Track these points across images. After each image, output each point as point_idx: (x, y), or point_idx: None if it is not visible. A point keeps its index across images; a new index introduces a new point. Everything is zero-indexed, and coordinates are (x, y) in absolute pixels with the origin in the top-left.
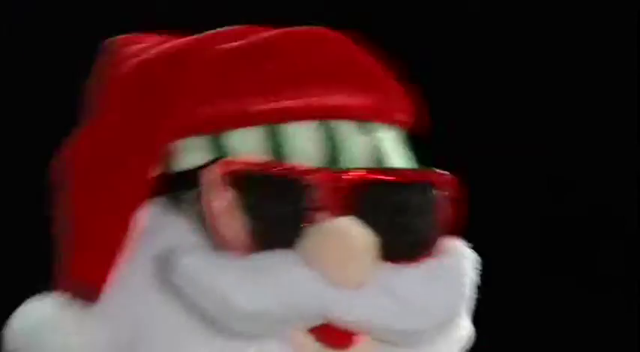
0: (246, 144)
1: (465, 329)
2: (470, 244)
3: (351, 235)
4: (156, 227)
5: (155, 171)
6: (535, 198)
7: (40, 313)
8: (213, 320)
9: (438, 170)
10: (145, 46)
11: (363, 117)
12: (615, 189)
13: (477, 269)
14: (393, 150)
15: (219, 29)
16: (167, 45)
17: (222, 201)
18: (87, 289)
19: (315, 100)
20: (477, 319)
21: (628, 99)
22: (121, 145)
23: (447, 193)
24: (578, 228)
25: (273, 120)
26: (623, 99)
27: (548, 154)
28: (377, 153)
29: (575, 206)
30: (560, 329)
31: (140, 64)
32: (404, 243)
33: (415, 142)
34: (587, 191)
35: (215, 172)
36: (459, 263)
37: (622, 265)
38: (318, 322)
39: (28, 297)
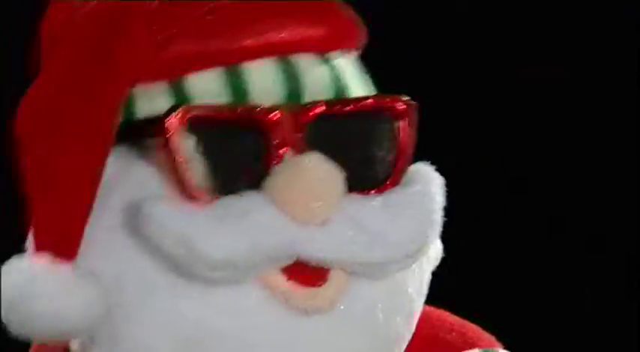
0: (206, 87)
1: (434, 249)
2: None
3: (313, 172)
4: (122, 176)
5: (117, 119)
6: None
7: (20, 277)
8: (184, 269)
9: (397, 95)
10: None
11: (321, 48)
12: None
13: (444, 190)
14: (353, 77)
15: None
16: None
17: (185, 149)
18: (63, 247)
19: (270, 36)
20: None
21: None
22: (79, 95)
23: (408, 118)
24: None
25: (230, 60)
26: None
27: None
28: (338, 83)
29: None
30: (560, 329)
31: (90, 13)
32: (370, 174)
33: (367, 63)
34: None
35: (175, 119)
36: (426, 188)
37: (622, 265)
38: (289, 261)
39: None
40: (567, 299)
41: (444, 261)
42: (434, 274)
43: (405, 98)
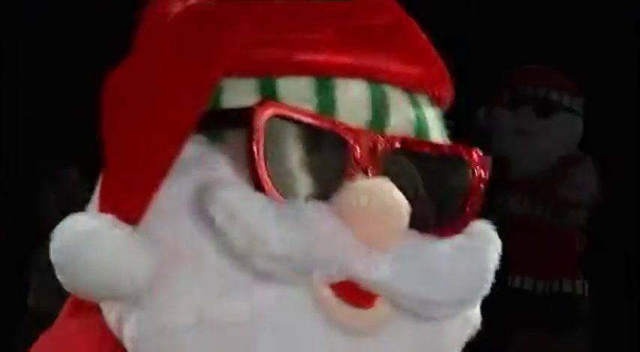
0: (295, 92)
1: (475, 315)
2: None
3: (384, 196)
4: (198, 160)
5: (203, 107)
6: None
7: (85, 230)
8: (239, 256)
9: (473, 148)
10: None
11: (413, 86)
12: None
13: (499, 254)
14: (434, 125)
15: None
16: None
17: (264, 144)
18: (127, 211)
19: (370, 60)
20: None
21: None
22: (172, 78)
23: (480, 173)
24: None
25: (325, 71)
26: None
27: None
28: (419, 125)
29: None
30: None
31: (197, 3)
32: (434, 215)
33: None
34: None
35: (261, 113)
36: (486, 246)
37: (622, 265)
38: (341, 278)
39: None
40: (567, 299)
41: None
42: None
43: (480, 152)
